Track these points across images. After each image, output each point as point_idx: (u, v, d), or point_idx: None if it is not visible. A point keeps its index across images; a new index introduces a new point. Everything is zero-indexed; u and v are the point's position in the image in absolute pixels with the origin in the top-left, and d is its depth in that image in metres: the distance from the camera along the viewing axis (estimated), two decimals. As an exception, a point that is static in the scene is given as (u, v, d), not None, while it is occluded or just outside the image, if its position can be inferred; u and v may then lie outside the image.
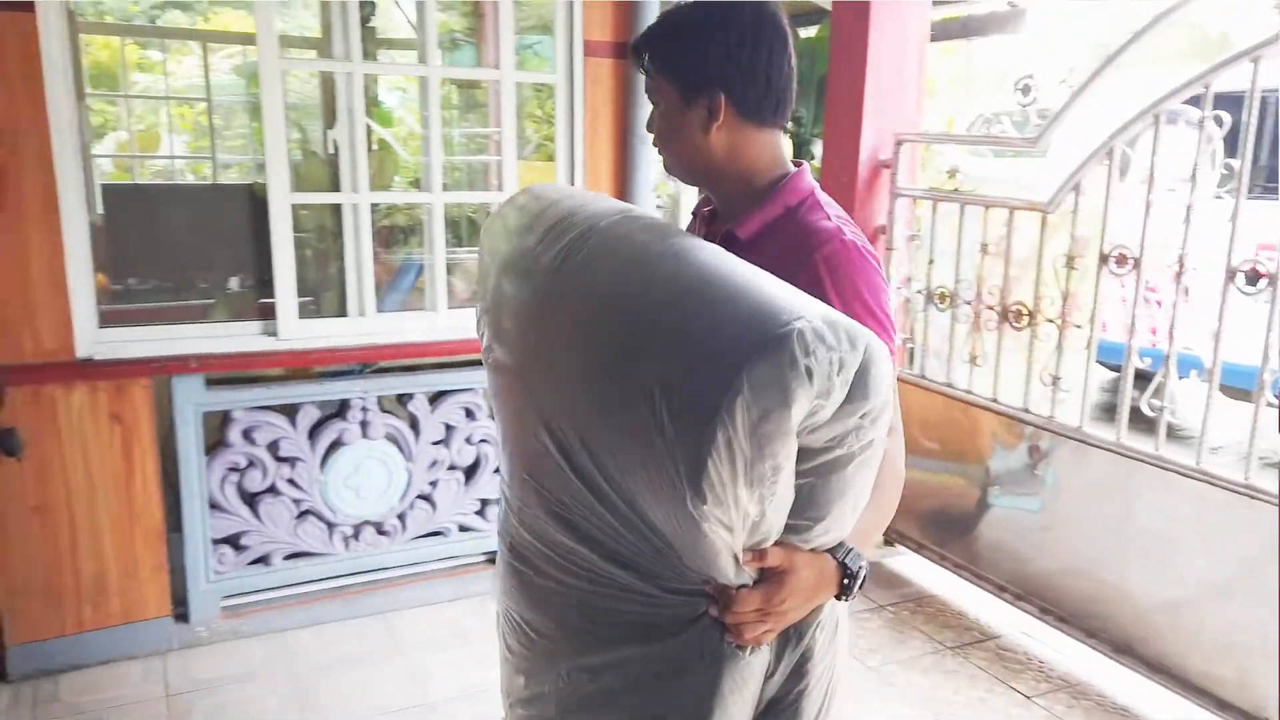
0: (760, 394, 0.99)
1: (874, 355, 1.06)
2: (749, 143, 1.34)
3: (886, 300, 1.30)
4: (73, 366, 2.65)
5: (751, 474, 1.03)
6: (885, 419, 1.12)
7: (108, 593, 2.81)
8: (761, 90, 1.31)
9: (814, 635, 1.24)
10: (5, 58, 2.42)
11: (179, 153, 7.05)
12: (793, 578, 1.15)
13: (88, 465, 2.72)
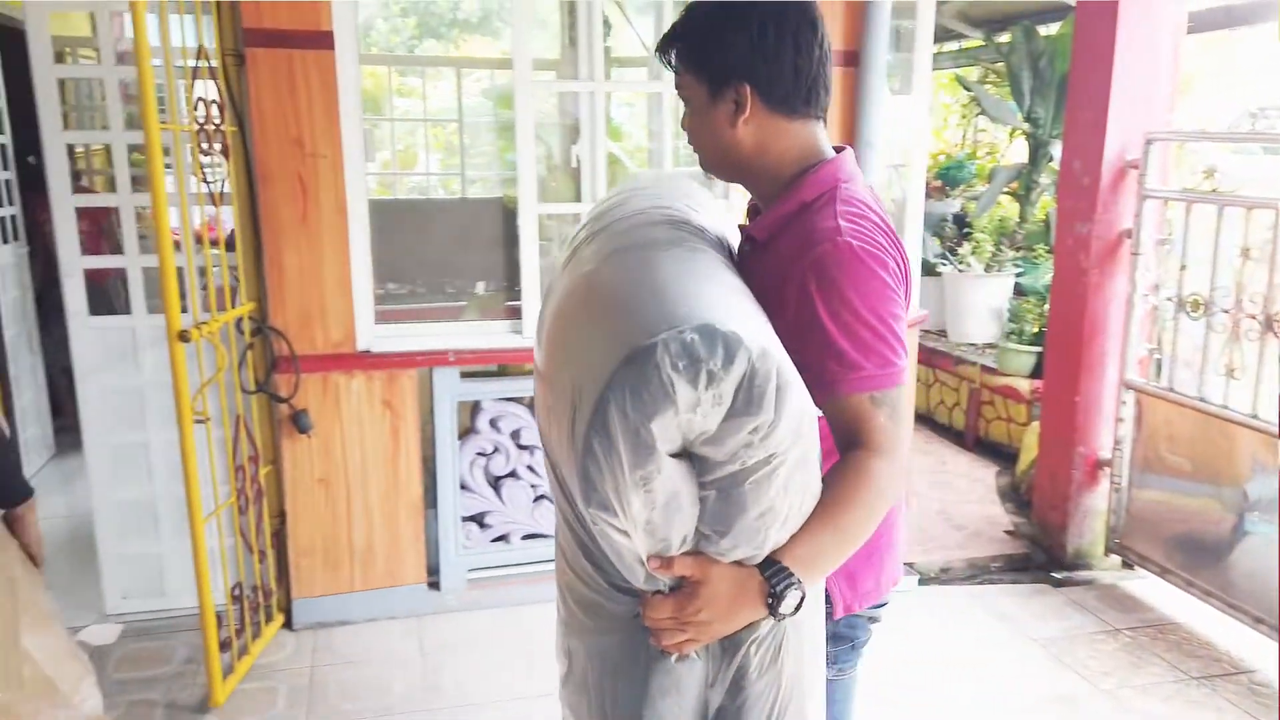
0: (628, 401, 1.01)
1: (761, 370, 1.02)
2: (779, 134, 1.31)
3: (887, 304, 1.22)
4: (354, 357, 3.02)
5: (628, 479, 1.03)
6: (782, 437, 1.06)
7: (375, 559, 3.17)
8: (789, 81, 1.28)
9: (749, 651, 1.18)
10: (311, 91, 2.82)
11: (433, 170, 7.75)
12: (705, 589, 1.13)
13: (363, 444, 3.09)
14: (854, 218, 1.25)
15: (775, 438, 1.06)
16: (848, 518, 1.18)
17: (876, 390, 1.20)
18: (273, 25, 2.74)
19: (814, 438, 1.13)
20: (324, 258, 2.94)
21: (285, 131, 2.82)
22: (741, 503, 1.09)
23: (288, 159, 2.85)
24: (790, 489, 1.11)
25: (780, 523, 1.13)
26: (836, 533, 1.17)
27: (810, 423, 1.12)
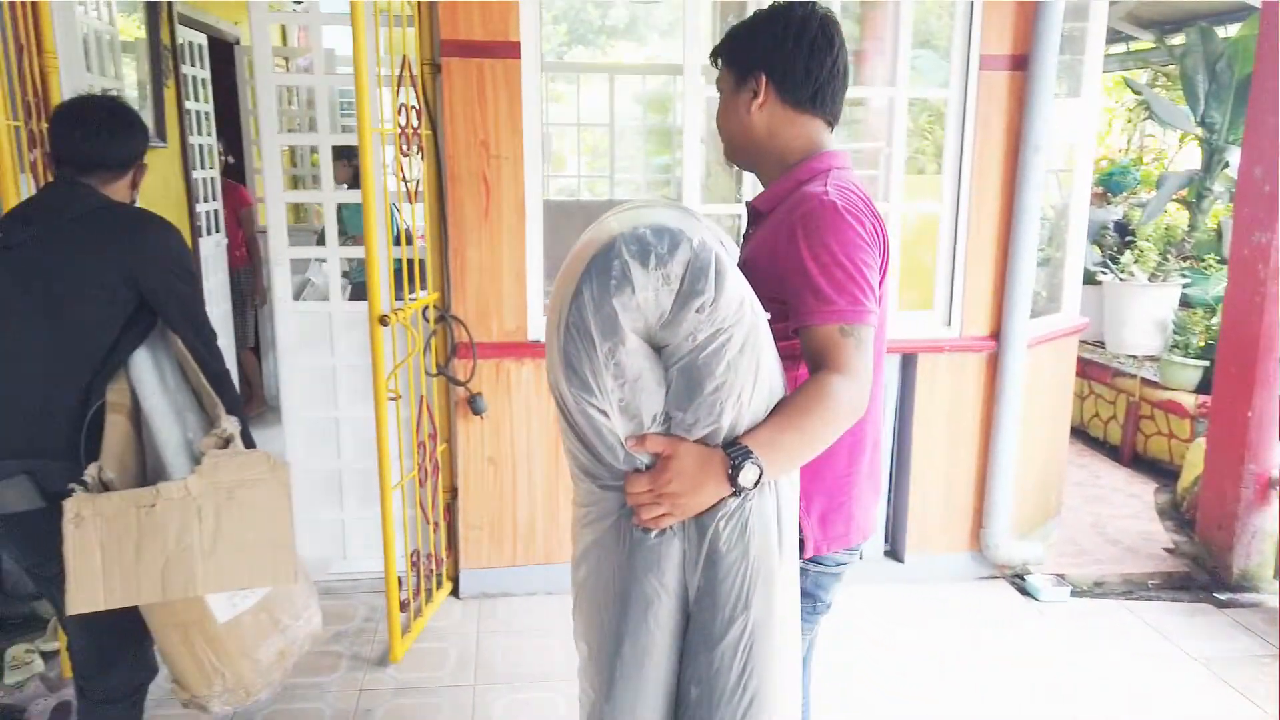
0: (594, 285, 1.24)
1: (701, 256, 1.24)
2: (787, 123, 1.54)
3: (861, 253, 1.41)
4: (526, 346, 3.23)
5: (599, 355, 1.25)
6: (725, 313, 1.26)
7: (536, 536, 3.37)
8: (800, 78, 1.52)
9: (718, 527, 1.34)
10: (497, 97, 3.04)
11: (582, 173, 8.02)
12: (675, 462, 1.31)
13: (529, 428, 3.29)
14: (840, 189, 1.46)
15: (719, 313, 1.27)
16: (807, 420, 1.35)
17: (845, 323, 1.39)
18: (467, 36, 2.97)
19: (757, 325, 1.32)
20: (502, 252, 3.15)
21: (473, 135, 3.05)
22: (697, 378, 1.29)
23: (474, 160, 3.07)
24: (740, 368, 1.30)
25: (734, 399, 1.31)
26: (795, 431, 1.35)
27: (752, 309, 1.31)
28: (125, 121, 1.99)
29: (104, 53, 3.32)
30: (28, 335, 1.84)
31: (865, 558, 3.55)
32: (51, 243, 1.85)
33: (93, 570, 1.70)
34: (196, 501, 1.76)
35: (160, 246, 1.92)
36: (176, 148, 4.50)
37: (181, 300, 1.94)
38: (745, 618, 1.36)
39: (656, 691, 1.41)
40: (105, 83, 3.30)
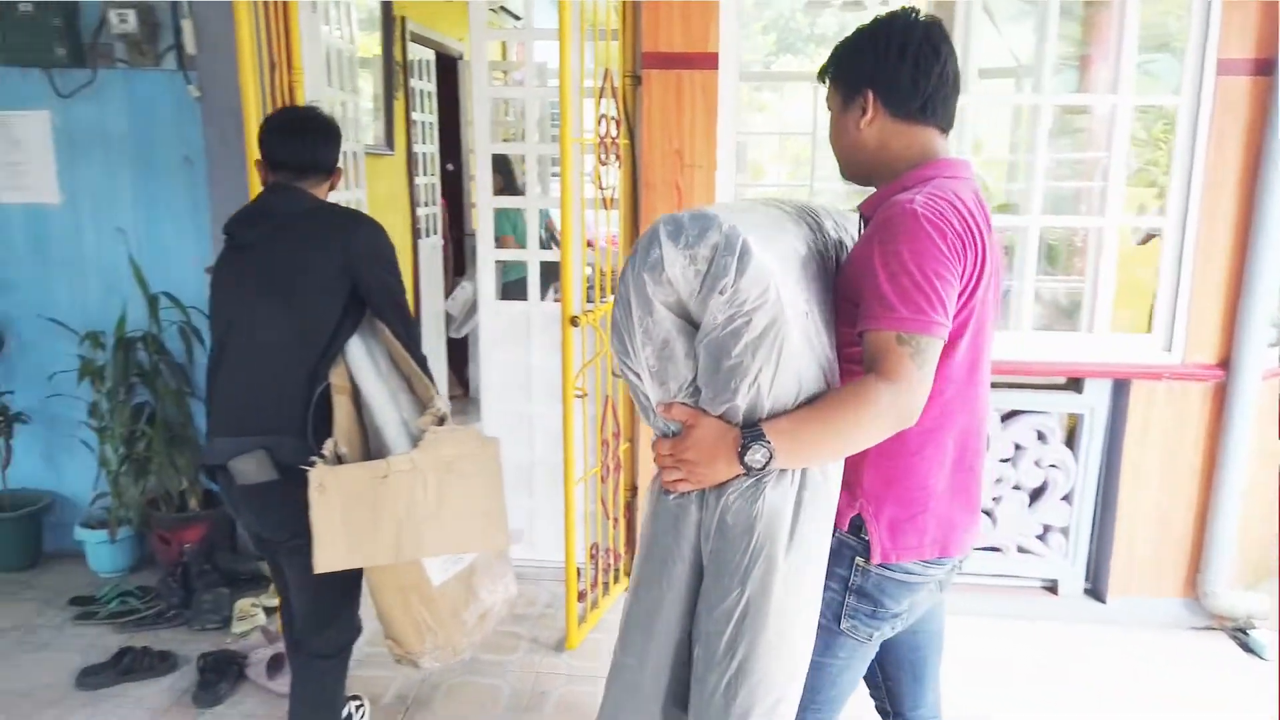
0: (635, 258, 1.36)
1: (728, 241, 1.31)
2: (897, 136, 1.53)
3: (934, 264, 1.37)
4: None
5: (635, 322, 1.38)
6: (745, 297, 1.31)
7: (711, 540, 3.40)
8: (908, 91, 1.50)
9: (728, 499, 1.40)
10: (695, 107, 3.10)
11: (782, 182, 8.01)
12: (694, 432, 1.39)
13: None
14: (933, 197, 1.42)
15: (739, 297, 1.32)
16: (835, 415, 1.37)
17: (905, 331, 1.36)
18: (667, 49, 3.05)
19: (784, 316, 1.34)
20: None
21: (669, 144, 3.13)
22: (715, 353, 1.36)
23: (669, 169, 3.15)
24: (758, 352, 1.34)
25: (749, 381, 1.35)
26: (819, 424, 1.37)
27: (780, 299, 1.34)
28: (335, 131, 2.21)
29: (344, 68, 3.66)
30: (264, 326, 2.04)
31: (1062, 594, 3.34)
32: (278, 241, 2.05)
33: (335, 533, 1.92)
34: (422, 474, 1.95)
35: (371, 242, 2.10)
36: (403, 155, 4.88)
37: (389, 291, 2.10)
38: (741, 590, 1.40)
39: (664, 645, 1.49)
40: (343, 96, 3.63)
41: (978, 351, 1.52)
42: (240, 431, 2.02)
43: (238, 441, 2.01)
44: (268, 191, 2.16)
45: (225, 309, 2.09)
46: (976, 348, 1.51)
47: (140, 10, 3.15)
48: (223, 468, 2.03)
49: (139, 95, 3.33)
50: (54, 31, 3.16)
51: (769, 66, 12.31)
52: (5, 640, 3.04)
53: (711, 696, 1.42)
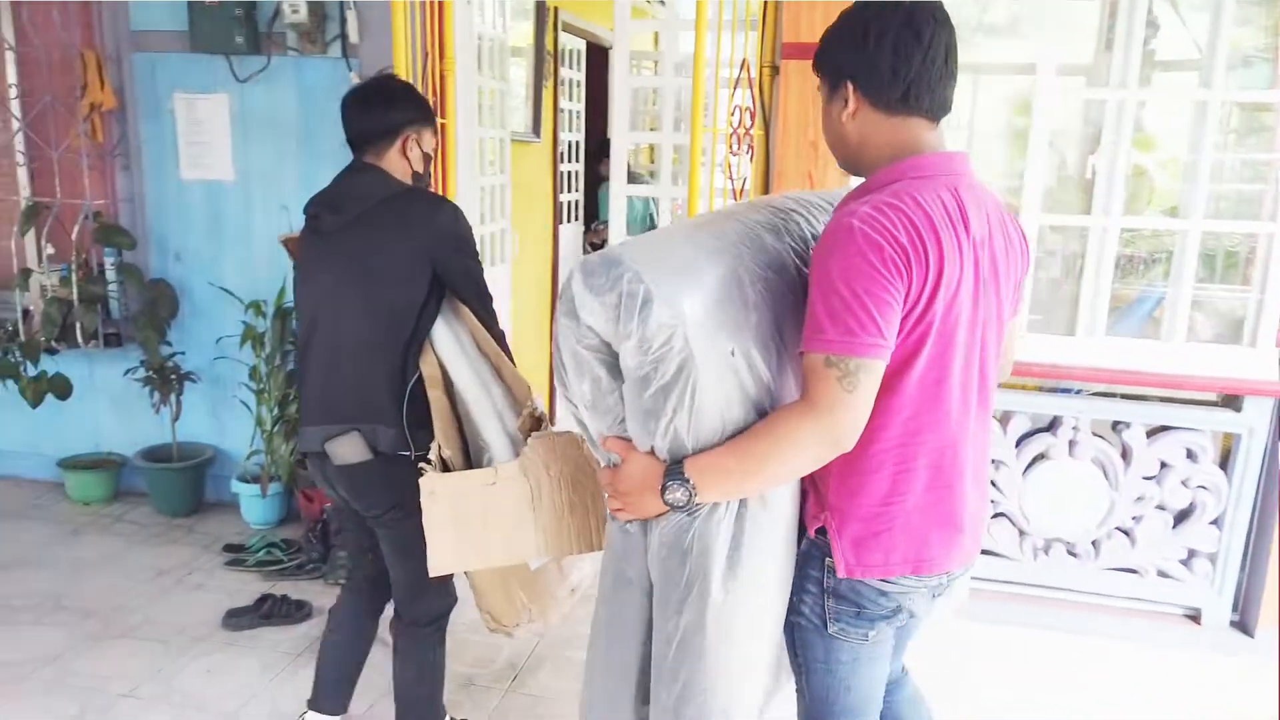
0: (563, 306, 1.42)
1: (630, 289, 1.33)
2: (878, 128, 1.44)
3: (865, 282, 1.31)
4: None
5: (569, 362, 1.45)
6: (651, 345, 1.34)
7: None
8: (886, 80, 1.40)
9: (660, 534, 1.46)
10: (831, 97, 3.06)
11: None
12: (624, 467, 1.46)
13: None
14: (879, 208, 1.34)
15: (645, 345, 1.35)
16: (755, 447, 1.37)
17: (832, 353, 1.32)
18: (808, 39, 3.02)
19: (692, 360, 1.36)
20: (821, 252, 3.17)
21: (803, 135, 3.10)
22: (632, 396, 1.42)
23: (802, 160, 3.12)
24: (669, 397, 1.38)
25: (663, 424, 1.39)
26: (738, 458, 1.38)
27: (684, 345, 1.35)
28: (386, 94, 2.12)
29: (494, 57, 3.80)
30: (349, 315, 2.07)
31: (1205, 624, 3.12)
32: (359, 230, 2.05)
33: (445, 538, 1.96)
34: (529, 480, 1.97)
35: (449, 226, 2.08)
36: (549, 143, 5.02)
37: (469, 274, 2.11)
38: (678, 619, 1.46)
39: (628, 654, 1.55)
40: (493, 84, 3.78)
41: (945, 367, 1.42)
42: (332, 420, 2.07)
43: (326, 430, 2.07)
44: (346, 172, 2.13)
45: (310, 298, 2.12)
46: (944, 363, 1.42)
47: (310, 1, 3.37)
48: (317, 453, 2.10)
49: (306, 81, 3.57)
50: (235, 21, 3.42)
51: (931, 57, 11.83)
52: (167, 579, 3.35)
53: (664, 711, 1.50)
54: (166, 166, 3.75)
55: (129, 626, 3.02)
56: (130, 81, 3.70)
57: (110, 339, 3.77)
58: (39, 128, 3.80)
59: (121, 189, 3.80)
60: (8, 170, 3.92)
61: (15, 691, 2.67)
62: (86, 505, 3.93)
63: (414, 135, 2.13)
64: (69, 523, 3.77)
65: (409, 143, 2.12)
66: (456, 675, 2.82)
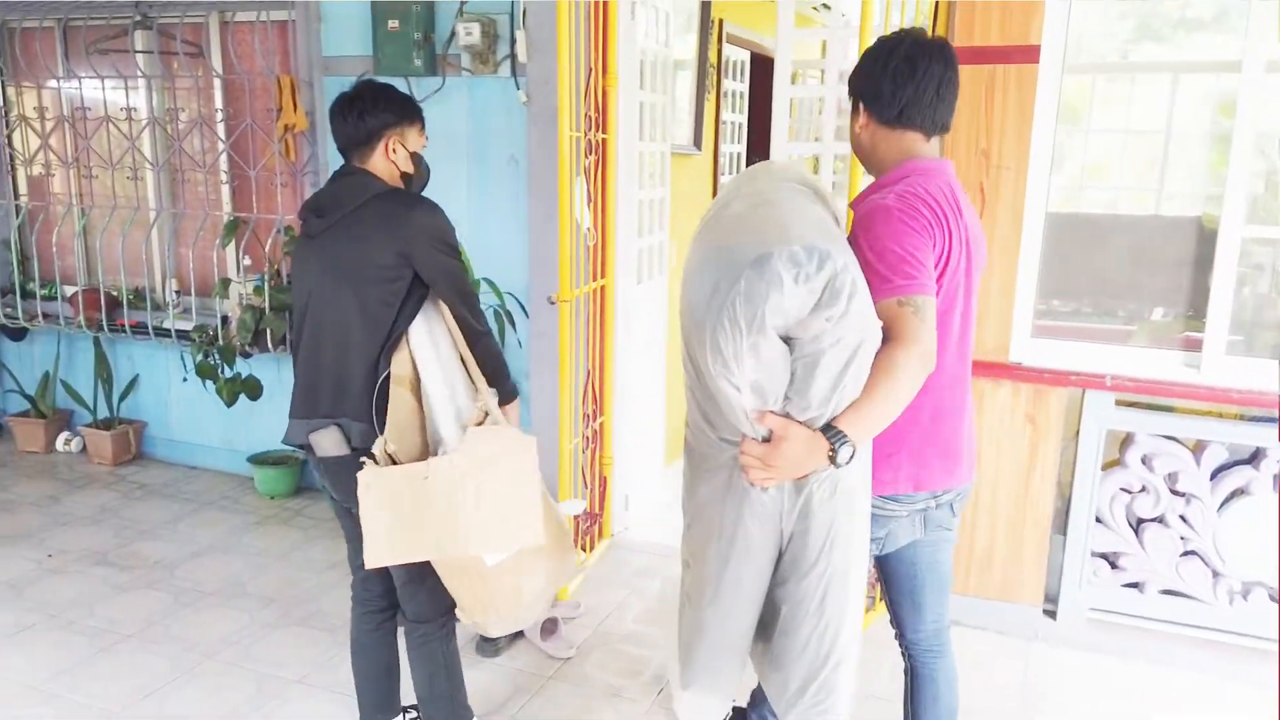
0: (751, 286, 1.53)
1: (840, 277, 1.53)
2: (881, 139, 1.83)
3: (912, 240, 1.67)
4: (1005, 367, 3.05)
5: (745, 344, 1.56)
6: (849, 326, 1.56)
7: (992, 569, 3.18)
8: (887, 101, 1.78)
9: (812, 488, 1.69)
10: (1007, 104, 2.90)
11: (1127, 184, 7.21)
12: (785, 443, 1.63)
13: (999, 454, 3.10)
14: (903, 195, 1.73)
15: (844, 326, 1.57)
16: (882, 389, 1.63)
17: (903, 295, 1.65)
18: (981, 42, 2.87)
19: (870, 337, 1.61)
20: (992, 266, 3.00)
21: (974, 144, 2.95)
22: (815, 372, 1.60)
23: (972, 170, 2.97)
24: (851, 369, 1.61)
25: (839, 393, 1.62)
26: (875, 405, 1.64)
27: (872, 326, 1.61)
28: (362, 101, 2.14)
29: (658, 71, 3.83)
30: (331, 314, 2.13)
31: None
32: (341, 231, 2.11)
33: (380, 532, 2.01)
34: (461, 474, 1.97)
35: (425, 224, 2.10)
36: (709, 155, 5.02)
37: (447, 272, 2.11)
38: (827, 560, 1.73)
39: (747, 606, 1.83)
40: (655, 98, 3.81)
41: (946, 322, 1.80)
42: (313, 414, 2.14)
43: (309, 423, 2.14)
44: (334, 176, 2.20)
45: (300, 298, 2.19)
46: (945, 318, 1.80)
47: (483, 24, 3.51)
48: (304, 445, 2.19)
49: (477, 100, 3.71)
50: (415, 45, 3.61)
51: (1126, 55, 11.08)
52: (337, 571, 3.55)
53: (805, 644, 1.77)
54: (350, 183, 3.99)
55: (303, 615, 3.22)
56: (320, 103, 3.96)
57: (296, 344, 4.04)
58: (240, 148, 4.13)
59: (310, 204, 4.08)
60: (214, 187, 4.29)
61: (201, 669, 2.90)
62: (271, 499, 4.23)
63: (394, 137, 2.18)
64: (255, 514, 4.07)
65: (390, 145, 2.17)
66: (604, 686, 2.84)
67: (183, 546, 3.73)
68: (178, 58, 4.13)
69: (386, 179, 2.18)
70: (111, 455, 4.57)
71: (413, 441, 2.09)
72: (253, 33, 4.04)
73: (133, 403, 4.69)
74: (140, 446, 4.70)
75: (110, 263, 4.54)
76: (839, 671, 1.79)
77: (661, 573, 3.57)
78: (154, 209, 4.43)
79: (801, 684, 1.80)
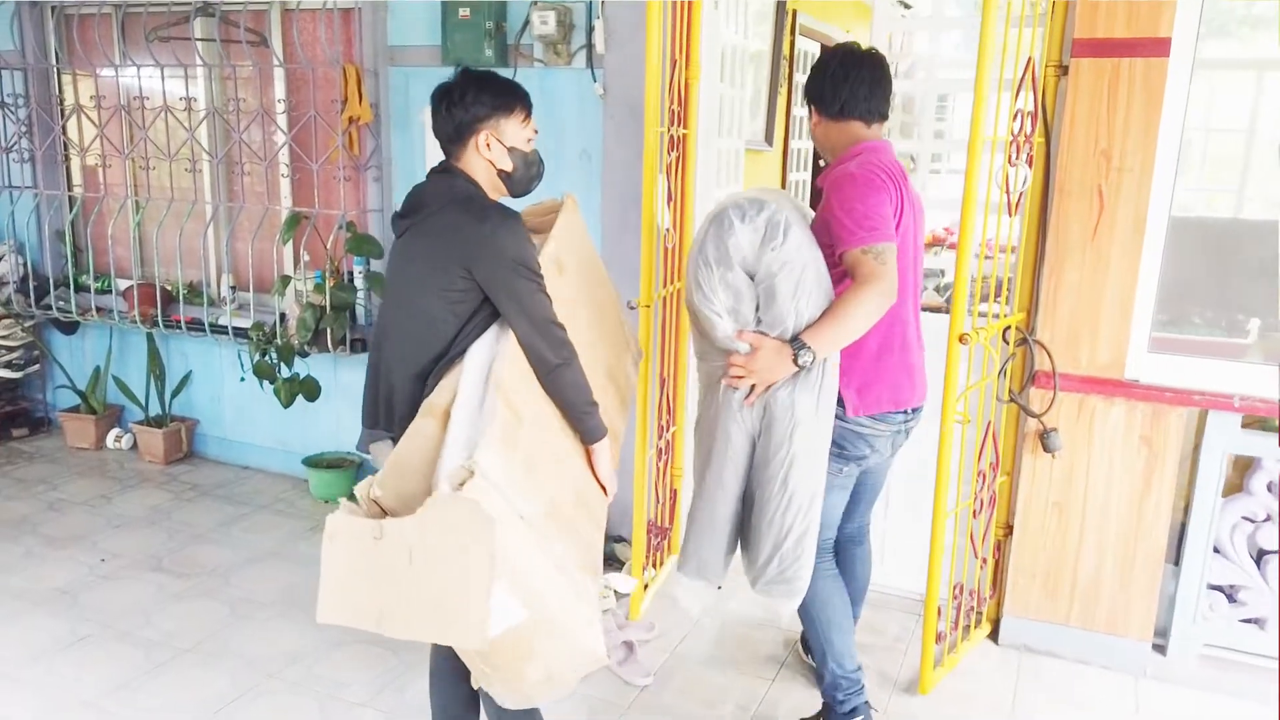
0: (714, 230, 2.16)
1: (775, 217, 2.12)
2: (830, 131, 2.38)
3: (873, 197, 2.17)
4: (1119, 384, 2.83)
5: (717, 278, 2.15)
6: (789, 253, 2.12)
7: (1098, 600, 2.96)
8: (829, 99, 2.34)
9: (775, 395, 2.19)
10: (1131, 101, 2.68)
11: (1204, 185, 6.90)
12: (760, 352, 2.16)
13: (1109, 477, 2.89)
14: (863, 164, 2.24)
15: (785, 252, 2.11)
16: (842, 313, 2.12)
17: (866, 244, 2.13)
18: (1105, 34, 2.66)
19: (810, 263, 2.14)
20: (1108, 276, 2.79)
21: (1094, 144, 2.74)
22: (772, 294, 2.14)
23: (1090, 172, 2.76)
24: (800, 288, 2.13)
25: (793, 308, 2.13)
26: (836, 323, 2.13)
27: (808, 251, 2.15)
28: (459, 90, 1.98)
29: (736, 64, 3.64)
30: (396, 321, 2.00)
31: None
32: (417, 236, 1.97)
33: (335, 585, 1.76)
34: (409, 542, 1.68)
35: (494, 240, 1.89)
36: (780, 150, 4.82)
37: (515, 294, 1.91)
38: (789, 447, 2.20)
39: (729, 499, 2.31)
40: (732, 92, 3.62)
41: (903, 269, 2.25)
42: (373, 425, 2.05)
43: (370, 434, 2.05)
44: (430, 173, 2.05)
45: (383, 301, 2.12)
46: (902, 265, 2.24)
47: (559, 12, 3.34)
48: None
49: (549, 92, 3.54)
50: (485, 34, 3.44)
51: (1190, 54, 10.69)
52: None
53: (773, 517, 2.23)
54: (415, 177, 3.80)
55: (365, 632, 3.06)
56: (385, 95, 3.81)
57: (356, 344, 3.90)
58: (301, 141, 3.99)
59: (372, 200, 3.93)
60: (274, 181, 4.16)
61: (262, 689, 2.76)
62: (326, 503, 4.09)
63: (489, 131, 1.99)
64: (309, 519, 3.94)
65: (483, 139, 1.99)
66: (685, 715, 2.67)
67: (238, 552, 3.61)
68: (239, 46, 3.99)
69: (483, 178, 2.02)
70: (163, 453, 4.47)
71: (415, 486, 1.81)
72: (317, 21, 3.89)
73: (185, 400, 4.58)
74: (192, 445, 4.60)
75: (166, 257, 4.43)
76: (801, 544, 2.24)
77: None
78: (211, 202, 4.31)
79: (768, 556, 2.26)
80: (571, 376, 1.98)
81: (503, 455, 1.79)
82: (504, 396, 1.84)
